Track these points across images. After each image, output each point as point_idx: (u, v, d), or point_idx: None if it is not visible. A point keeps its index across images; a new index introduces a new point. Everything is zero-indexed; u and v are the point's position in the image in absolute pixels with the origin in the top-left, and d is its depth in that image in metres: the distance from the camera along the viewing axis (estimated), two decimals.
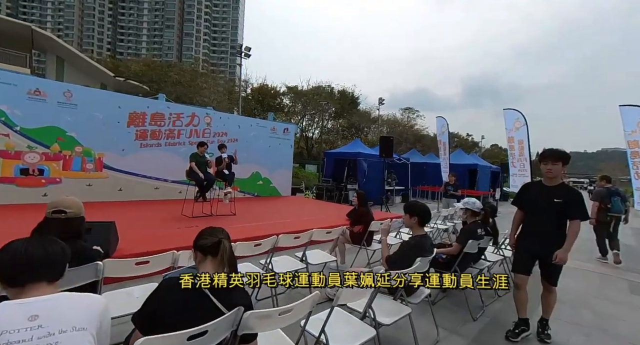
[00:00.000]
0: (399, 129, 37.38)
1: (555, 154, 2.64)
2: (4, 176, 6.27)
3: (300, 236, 3.09)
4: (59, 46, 24.60)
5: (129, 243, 3.86)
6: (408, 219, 2.59)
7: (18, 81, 6.38)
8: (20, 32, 22.29)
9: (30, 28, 22.38)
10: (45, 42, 24.08)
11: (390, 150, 9.19)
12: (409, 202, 2.74)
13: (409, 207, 2.63)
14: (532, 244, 2.76)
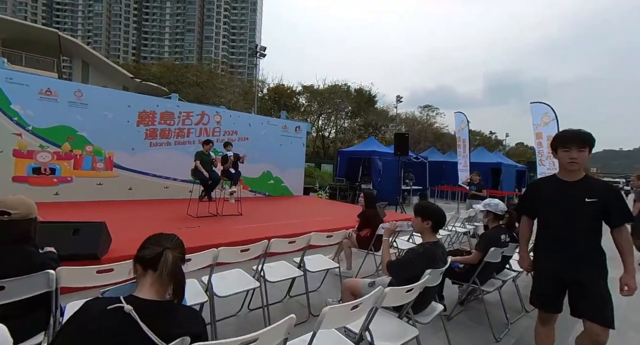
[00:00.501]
0: (417, 128, 36.37)
1: (580, 136, 1.89)
2: (17, 175, 6.37)
3: (295, 241, 2.77)
4: (84, 51, 25.62)
5: (124, 244, 3.68)
6: (420, 222, 2.20)
7: (30, 81, 6.46)
8: (48, 38, 23.38)
9: (57, 34, 23.41)
10: (72, 48, 25.14)
11: (405, 148, 8.70)
12: (421, 203, 2.30)
13: (421, 208, 2.22)
14: (557, 265, 1.96)
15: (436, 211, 2.20)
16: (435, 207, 2.23)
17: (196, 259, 2.15)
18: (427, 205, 2.25)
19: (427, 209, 2.21)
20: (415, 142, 34.10)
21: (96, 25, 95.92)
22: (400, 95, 31.75)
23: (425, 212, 2.20)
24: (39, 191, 6.55)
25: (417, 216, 2.23)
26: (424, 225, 2.18)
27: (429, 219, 2.18)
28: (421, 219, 2.20)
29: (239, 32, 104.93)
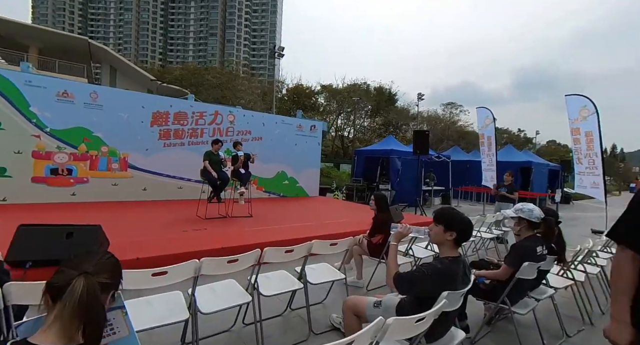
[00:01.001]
0: (440, 126, 35.11)
1: None
2: (36, 176, 6.51)
3: (293, 249, 2.46)
4: (112, 57, 26.72)
5: (122, 248, 3.53)
6: (441, 232, 1.79)
7: (47, 84, 6.59)
8: (79, 45, 24.55)
9: (87, 41, 24.55)
10: (101, 54, 26.29)
11: (425, 147, 8.17)
12: (444, 209, 1.89)
13: (444, 216, 1.82)
14: None
15: (463, 221, 1.79)
16: (461, 215, 1.83)
17: (174, 272, 1.90)
18: (452, 213, 1.84)
19: (452, 217, 1.80)
20: (438, 141, 32.91)
21: (126, 32, 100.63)
22: (421, 93, 30.78)
23: (450, 220, 1.80)
24: (56, 192, 6.68)
25: (439, 224, 1.83)
26: (446, 236, 1.79)
27: (452, 229, 1.77)
28: (443, 229, 1.80)
29: (259, 34, 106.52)
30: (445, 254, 1.81)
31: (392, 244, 1.97)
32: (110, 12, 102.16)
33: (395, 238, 1.99)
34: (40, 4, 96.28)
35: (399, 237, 2.00)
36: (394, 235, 2.00)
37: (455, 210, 1.89)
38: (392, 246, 1.97)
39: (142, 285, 1.83)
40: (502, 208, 5.92)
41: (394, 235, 2.00)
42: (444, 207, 1.92)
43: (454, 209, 1.90)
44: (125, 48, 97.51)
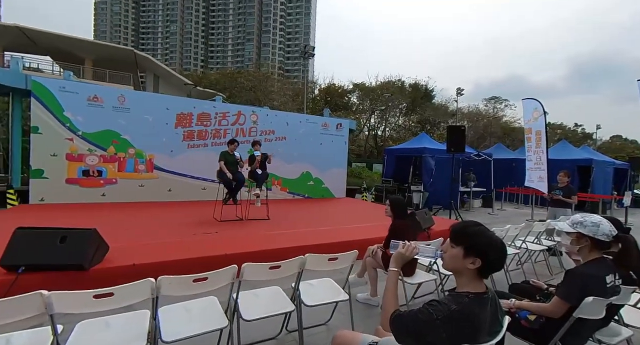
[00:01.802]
0: (482, 122, 32.67)
1: None
2: (69, 177, 6.84)
3: (280, 265, 2.05)
4: (155, 65, 28.48)
5: (123, 253, 3.40)
6: (459, 256, 1.27)
7: (79, 89, 6.90)
8: (126, 56, 26.47)
9: (132, 52, 26.38)
10: (145, 63, 28.12)
11: (461, 144, 7.32)
12: (466, 225, 1.32)
13: (465, 234, 1.29)
14: None
15: (492, 244, 1.24)
16: (490, 235, 1.27)
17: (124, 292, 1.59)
18: (478, 231, 1.28)
19: (477, 238, 1.26)
20: (480, 138, 30.69)
21: (172, 43, 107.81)
22: (461, 88, 28.91)
23: (473, 241, 1.26)
24: (88, 192, 6.97)
25: (457, 245, 1.30)
26: (466, 263, 1.25)
27: (476, 254, 1.24)
28: (462, 252, 1.27)
29: (293, 37, 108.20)
30: (464, 287, 1.29)
31: (392, 270, 1.48)
32: (158, 25, 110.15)
33: (395, 262, 1.49)
34: (100, 22, 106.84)
35: (401, 261, 1.50)
36: (393, 258, 1.51)
37: (482, 227, 1.31)
38: (390, 273, 1.48)
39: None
40: (557, 214, 5.00)
41: (393, 258, 1.51)
42: (466, 222, 1.36)
43: (481, 225, 1.33)
44: (171, 57, 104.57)
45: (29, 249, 2.83)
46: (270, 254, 3.81)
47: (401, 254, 1.48)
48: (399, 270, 1.48)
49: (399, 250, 1.49)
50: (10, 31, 22.97)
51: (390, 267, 1.49)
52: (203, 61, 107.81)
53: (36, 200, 6.56)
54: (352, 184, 13.58)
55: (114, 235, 4.17)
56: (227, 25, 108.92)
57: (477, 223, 1.34)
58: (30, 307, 1.40)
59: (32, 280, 2.75)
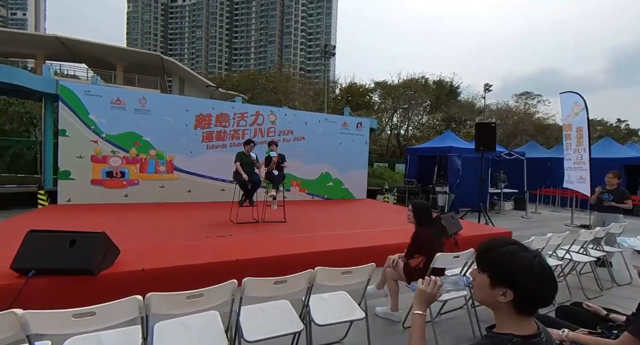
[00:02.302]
0: (513, 119, 30.93)
1: None
2: (94, 178, 7.03)
3: (287, 280, 1.83)
4: (180, 69, 29.40)
5: (136, 256, 3.32)
6: (485, 285, 0.99)
7: (103, 93, 7.07)
8: (154, 61, 27.51)
9: (160, 57, 27.37)
10: (172, 67, 29.11)
11: (491, 142, 6.78)
12: (493, 245, 1.02)
13: (490, 257, 1.01)
14: None
15: (527, 269, 0.93)
16: (524, 257, 0.95)
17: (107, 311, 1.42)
18: (505, 252, 0.97)
19: (504, 261, 0.96)
20: (510, 136, 29.11)
21: (198, 47, 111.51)
22: (489, 84, 27.51)
23: (498, 267, 0.97)
24: (111, 193, 7.13)
25: (482, 271, 1.02)
26: (496, 295, 0.96)
27: (506, 284, 0.94)
28: (489, 282, 0.98)
29: (315, 37, 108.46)
30: (505, 326, 0.98)
31: (416, 313, 1.17)
32: (185, 31, 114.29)
33: (419, 302, 1.18)
34: (132, 30, 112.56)
35: (425, 301, 1.19)
36: (415, 298, 1.21)
37: (514, 246, 0.99)
38: (414, 317, 1.17)
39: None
40: (607, 221, 4.44)
41: (415, 298, 1.21)
42: (493, 240, 1.04)
43: (514, 244, 1.00)
44: (197, 61, 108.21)
45: (39, 253, 2.80)
46: (282, 261, 3.62)
47: (423, 292, 1.19)
48: (424, 313, 1.18)
49: (419, 287, 1.20)
50: (50, 41, 24.56)
51: (414, 310, 1.19)
52: (227, 64, 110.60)
53: (64, 200, 6.79)
54: (374, 184, 13.19)
55: (129, 237, 4.16)
56: (250, 28, 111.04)
57: (508, 240, 1.02)
58: (4, 327, 1.26)
59: (41, 284, 2.72)
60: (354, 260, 2.63)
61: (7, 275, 2.73)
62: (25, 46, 24.76)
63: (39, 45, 25.15)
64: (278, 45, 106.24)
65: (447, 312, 3.04)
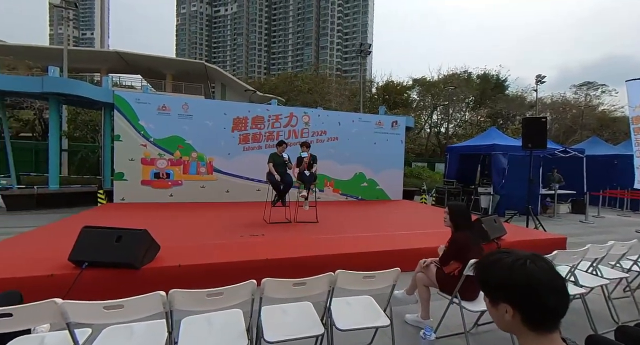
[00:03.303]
0: (571, 113, 27.95)
1: None
2: (144, 179, 7.65)
3: (306, 282, 1.81)
4: (222, 75, 30.97)
5: (171, 252, 3.54)
6: (491, 309, 0.89)
7: (151, 100, 7.68)
8: (199, 69, 29.31)
9: (203, 64, 29.09)
10: (214, 74, 30.77)
11: (541, 138, 6.14)
12: (486, 260, 0.90)
13: (482, 273, 0.90)
14: None
15: (514, 277, 0.81)
16: (510, 264, 0.83)
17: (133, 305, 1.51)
18: (490, 262, 0.88)
19: (490, 274, 0.87)
20: (567, 132, 26.39)
21: (238, 54, 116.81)
22: (541, 75, 25.13)
23: (487, 282, 0.88)
24: (158, 193, 7.71)
25: (483, 291, 0.92)
26: (502, 315, 0.85)
27: (501, 299, 0.84)
28: (488, 301, 0.89)
29: (351, 37, 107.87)
30: None
31: None
32: (227, 39, 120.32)
33: None
34: (181, 41, 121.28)
35: None
36: None
37: (502, 254, 0.87)
38: None
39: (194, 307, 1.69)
40: None
41: None
42: (487, 253, 0.92)
43: (504, 252, 0.88)
44: (238, 67, 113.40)
45: (91, 247, 3.10)
46: (310, 262, 3.62)
47: None
48: None
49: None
50: (111, 56, 27.33)
51: None
52: (266, 68, 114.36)
53: (118, 199, 7.48)
54: (411, 185, 12.75)
55: (171, 234, 4.45)
56: (287, 32, 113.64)
57: (494, 251, 0.91)
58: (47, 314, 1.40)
59: (93, 275, 3.00)
60: (384, 263, 2.54)
61: (65, 266, 3.05)
62: (92, 62, 27.79)
63: (102, 60, 28.10)
64: (314, 47, 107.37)
65: (485, 324, 2.80)
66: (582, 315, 2.74)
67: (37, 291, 2.29)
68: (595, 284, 2.85)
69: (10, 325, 1.39)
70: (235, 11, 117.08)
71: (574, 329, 2.70)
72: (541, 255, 0.85)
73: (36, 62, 19.96)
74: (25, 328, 1.45)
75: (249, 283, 1.71)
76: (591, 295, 2.87)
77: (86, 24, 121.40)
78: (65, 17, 15.95)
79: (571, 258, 2.79)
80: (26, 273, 2.93)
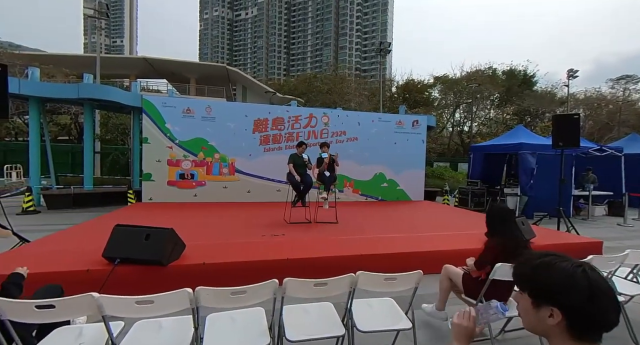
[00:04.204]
0: (607, 109, 26.26)
1: None
2: (170, 180, 7.96)
3: (327, 283, 1.82)
4: (242, 77, 31.65)
5: (196, 250, 3.67)
6: (529, 308, 0.84)
7: (176, 103, 7.97)
8: (220, 72, 30.10)
9: (225, 67, 29.84)
10: (235, 76, 31.49)
11: (573, 136, 5.80)
12: (524, 259, 0.88)
13: (527, 273, 0.86)
14: None
15: (571, 282, 0.77)
16: (566, 267, 0.79)
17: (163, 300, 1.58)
18: (542, 264, 0.82)
19: (541, 274, 0.82)
20: (603, 129, 24.84)
21: (259, 56, 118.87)
22: (573, 69, 23.79)
23: (536, 282, 0.83)
24: (183, 193, 7.99)
25: (522, 291, 0.87)
26: (542, 318, 0.81)
27: (550, 302, 0.80)
28: (530, 302, 0.84)
29: (370, 36, 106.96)
30: None
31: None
32: (247, 42, 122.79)
33: (458, 339, 1.02)
34: (204, 46, 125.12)
35: (465, 336, 1.01)
36: (454, 334, 1.03)
37: (555, 257, 0.82)
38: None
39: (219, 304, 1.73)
40: None
41: (454, 334, 1.03)
42: (532, 253, 0.88)
43: (555, 254, 0.83)
44: (258, 69, 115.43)
45: (123, 244, 3.27)
46: (329, 262, 3.63)
47: (459, 326, 1.03)
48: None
49: (453, 321, 1.05)
50: (139, 62, 28.63)
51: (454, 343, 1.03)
52: (285, 69, 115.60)
53: (147, 199, 7.82)
54: (433, 185, 12.47)
55: (195, 233, 4.60)
56: (307, 33, 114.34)
57: (544, 252, 0.86)
58: (85, 307, 1.50)
59: (124, 271, 3.16)
60: (406, 265, 2.51)
61: (100, 262, 3.23)
62: (122, 68, 29.24)
63: (131, 66, 29.49)
64: (333, 47, 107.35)
65: (513, 330, 2.70)
66: (620, 325, 2.57)
67: (75, 285, 2.45)
68: (636, 292, 2.67)
69: (52, 316, 1.50)
70: (255, 14, 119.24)
71: (612, 341, 2.54)
72: (591, 264, 0.82)
73: (72, 69, 21.25)
74: (66, 319, 1.56)
75: (271, 282, 1.75)
76: (631, 303, 2.70)
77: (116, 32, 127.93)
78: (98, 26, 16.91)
79: (608, 264, 2.64)
80: (66, 268, 3.13)
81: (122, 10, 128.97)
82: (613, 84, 28.34)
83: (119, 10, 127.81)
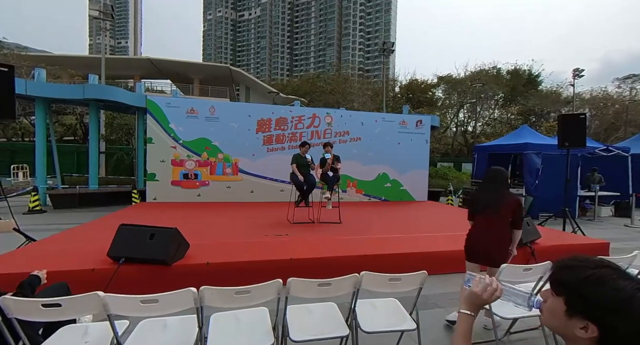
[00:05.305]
0: (614, 109, 25.97)
1: None
2: (174, 180, 7.99)
3: (331, 283, 1.82)
4: (246, 77, 31.74)
5: (200, 250, 3.68)
6: (560, 313, 0.76)
7: (180, 104, 8.01)
8: (224, 72, 30.21)
9: (228, 68, 29.94)
10: (238, 76, 31.59)
11: (580, 136, 5.75)
12: (570, 262, 0.77)
13: (569, 278, 0.76)
14: None
15: (625, 307, 0.67)
16: (623, 287, 0.69)
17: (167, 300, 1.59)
18: (593, 276, 0.72)
19: (589, 288, 0.71)
20: (609, 129, 24.60)
21: (262, 57, 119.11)
22: (579, 69, 23.58)
23: (579, 294, 0.72)
24: (187, 193, 8.02)
25: (557, 294, 0.78)
26: (573, 327, 0.73)
27: (589, 318, 0.70)
28: (564, 309, 0.75)
29: (373, 36, 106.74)
30: None
31: (463, 312, 1.00)
32: (251, 42, 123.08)
33: (468, 303, 0.98)
34: (207, 47, 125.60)
35: (475, 304, 0.97)
36: (465, 298, 1.00)
37: (609, 270, 0.73)
38: (461, 317, 0.99)
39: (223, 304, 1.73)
40: None
41: (465, 298, 1.00)
42: (579, 257, 0.79)
43: (609, 266, 0.74)
44: (261, 70, 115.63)
45: (127, 244, 3.28)
46: (333, 262, 3.62)
47: (475, 295, 0.97)
48: (472, 314, 1.01)
49: (472, 288, 0.99)
50: (144, 63, 28.82)
51: (461, 308, 0.99)
52: (289, 70, 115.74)
53: (151, 198, 7.87)
54: (437, 186, 12.41)
55: (199, 233, 4.62)
56: (310, 33, 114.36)
57: (599, 262, 0.76)
58: (92, 305, 1.51)
59: (129, 270, 3.18)
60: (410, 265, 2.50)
61: (105, 262, 3.25)
62: (127, 69, 29.47)
63: (136, 67, 29.71)
64: (337, 47, 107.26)
65: (518, 332, 2.68)
66: None
67: (81, 284, 2.47)
68: None
69: (58, 315, 1.51)
70: (258, 15, 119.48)
71: None
72: None
73: (77, 70, 21.44)
74: (72, 318, 1.57)
75: (275, 282, 1.75)
76: None
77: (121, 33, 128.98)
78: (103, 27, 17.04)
79: None
80: (71, 267, 3.16)
81: (126, 11, 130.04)
82: (620, 83, 28.05)
83: (123, 12, 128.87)
